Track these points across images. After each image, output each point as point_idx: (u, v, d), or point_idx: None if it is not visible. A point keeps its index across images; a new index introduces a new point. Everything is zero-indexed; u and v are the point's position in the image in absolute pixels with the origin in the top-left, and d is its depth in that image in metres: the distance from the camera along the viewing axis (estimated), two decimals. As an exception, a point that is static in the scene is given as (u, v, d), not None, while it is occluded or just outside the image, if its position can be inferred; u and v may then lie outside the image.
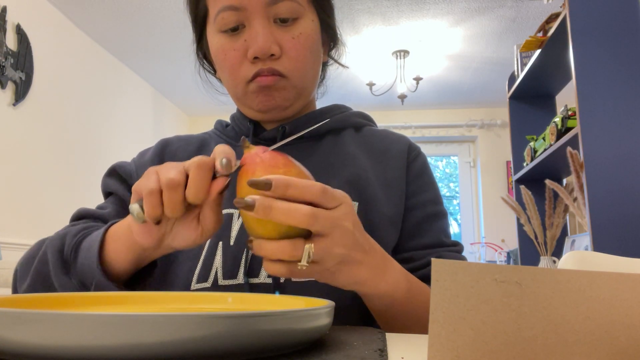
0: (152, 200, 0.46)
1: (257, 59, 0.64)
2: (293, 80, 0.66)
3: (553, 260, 2.02)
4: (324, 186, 0.44)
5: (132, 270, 0.56)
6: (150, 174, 0.48)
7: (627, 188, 1.53)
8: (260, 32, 0.63)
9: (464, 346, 0.27)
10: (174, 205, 0.46)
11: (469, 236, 4.60)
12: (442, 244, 0.68)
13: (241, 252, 0.63)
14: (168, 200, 0.46)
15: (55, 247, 0.59)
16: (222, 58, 0.66)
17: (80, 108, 3.19)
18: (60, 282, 0.57)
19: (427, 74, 3.82)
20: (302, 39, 0.65)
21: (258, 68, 0.64)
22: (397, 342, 0.43)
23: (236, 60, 0.65)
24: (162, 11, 2.96)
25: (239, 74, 0.65)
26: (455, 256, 0.67)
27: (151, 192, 0.46)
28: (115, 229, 0.56)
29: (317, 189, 0.43)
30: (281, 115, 0.70)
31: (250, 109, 0.69)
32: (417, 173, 0.72)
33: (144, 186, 0.47)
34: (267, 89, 0.65)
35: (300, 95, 0.69)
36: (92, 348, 0.28)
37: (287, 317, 0.33)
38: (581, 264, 0.62)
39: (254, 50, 0.63)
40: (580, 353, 0.28)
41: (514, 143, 2.50)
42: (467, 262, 0.28)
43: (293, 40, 0.65)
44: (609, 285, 0.28)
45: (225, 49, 0.65)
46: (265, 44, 0.62)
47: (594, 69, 1.60)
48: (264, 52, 0.63)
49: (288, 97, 0.67)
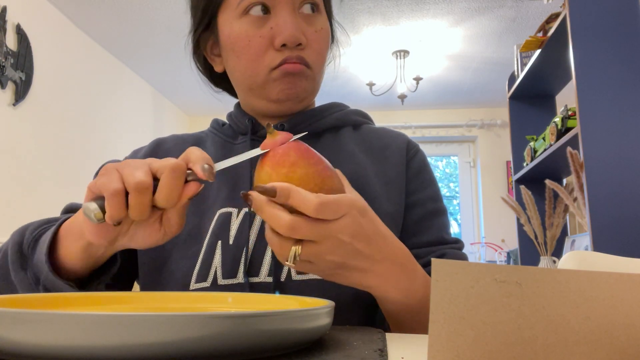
0: (116, 201, 0.43)
1: (284, 46, 0.64)
2: (315, 71, 0.67)
3: (553, 260, 2.02)
4: (321, 202, 0.43)
5: (85, 267, 0.54)
6: (111, 172, 0.45)
7: (627, 188, 1.53)
8: (289, 20, 0.63)
9: (464, 346, 0.27)
10: (141, 208, 0.44)
11: (469, 236, 4.60)
12: (443, 241, 0.68)
13: (240, 251, 0.63)
14: (135, 203, 0.44)
15: (15, 240, 0.57)
16: (244, 44, 0.65)
17: (80, 108, 3.19)
18: (17, 277, 0.55)
19: (427, 74, 3.81)
20: (323, 34, 0.67)
21: (285, 55, 0.64)
22: (397, 342, 0.43)
23: (261, 48, 0.64)
24: (162, 11, 2.96)
25: (263, 62, 0.65)
26: (457, 253, 0.67)
27: (115, 192, 0.43)
28: (69, 224, 0.54)
29: (312, 205, 0.43)
30: (296, 108, 0.70)
31: (265, 100, 0.68)
32: (416, 170, 0.72)
33: (104, 186, 0.44)
34: (291, 75, 0.65)
35: (314, 90, 0.70)
36: (92, 348, 0.28)
37: (287, 317, 0.33)
38: (581, 264, 0.62)
39: (284, 37, 0.63)
40: (580, 353, 0.28)
41: (514, 143, 2.50)
42: (467, 262, 0.28)
43: (316, 34, 0.66)
44: (609, 285, 0.28)
45: (249, 35, 0.64)
46: (296, 32, 0.63)
47: (594, 69, 1.60)
48: (293, 40, 0.63)
49: (307, 87, 0.67)
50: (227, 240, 0.64)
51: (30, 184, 2.71)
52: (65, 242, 0.53)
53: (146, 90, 4.08)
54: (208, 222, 0.66)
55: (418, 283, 0.53)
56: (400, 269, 0.51)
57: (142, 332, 0.28)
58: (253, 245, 0.63)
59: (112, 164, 0.47)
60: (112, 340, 0.28)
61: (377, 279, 0.49)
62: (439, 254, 0.66)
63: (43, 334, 0.28)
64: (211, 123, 0.79)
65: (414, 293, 0.52)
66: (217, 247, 0.63)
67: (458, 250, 0.68)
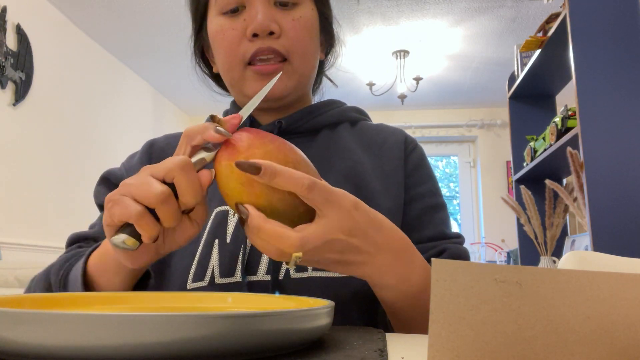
0: (145, 221, 0.43)
1: (256, 36, 0.63)
2: (294, 62, 0.66)
3: (553, 260, 2.02)
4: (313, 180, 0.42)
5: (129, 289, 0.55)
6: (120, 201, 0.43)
7: (627, 188, 1.53)
8: (260, 10, 0.63)
9: (464, 346, 0.27)
10: (172, 216, 0.43)
11: (469, 236, 4.60)
12: (444, 236, 0.68)
13: (238, 249, 0.62)
14: (165, 213, 0.43)
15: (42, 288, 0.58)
16: (220, 38, 0.66)
17: (80, 108, 3.19)
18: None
19: (427, 74, 3.82)
20: (302, 22, 0.66)
21: (257, 47, 0.63)
22: (397, 342, 0.43)
23: (235, 39, 0.64)
24: (162, 11, 2.96)
25: (237, 53, 0.65)
26: (458, 248, 0.66)
27: (141, 215, 0.42)
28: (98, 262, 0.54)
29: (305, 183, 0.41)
30: (277, 105, 0.69)
31: (246, 97, 0.67)
32: (414, 165, 0.72)
33: (124, 215, 0.43)
34: (267, 75, 0.64)
35: (298, 84, 0.68)
36: (92, 348, 0.28)
37: (287, 317, 0.33)
38: (581, 264, 0.62)
39: (253, 26, 0.63)
40: (580, 353, 0.28)
41: (514, 143, 2.50)
42: (467, 262, 0.28)
43: (293, 22, 0.65)
44: (609, 285, 0.28)
45: (224, 28, 0.65)
46: (264, 21, 0.62)
47: (594, 69, 1.60)
48: (263, 29, 0.63)
49: (288, 84, 0.66)
50: (224, 238, 0.63)
51: (30, 183, 2.71)
52: (102, 279, 0.54)
53: (146, 90, 4.08)
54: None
55: (416, 271, 0.52)
56: (397, 257, 0.50)
57: (142, 332, 0.28)
58: (250, 243, 0.63)
59: (111, 195, 0.45)
60: (112, 340, 0.28)
61: (374, 269, 0.49)
62: (440, 248, 0.65)
63: (43, 334, 0.28)
64: (206, 120, 0.79)
65: (411, 280, 0.52)
66: (214, 245, 0.63)
67: (460, 245, 0.67)
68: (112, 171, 0.72)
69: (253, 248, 0.63)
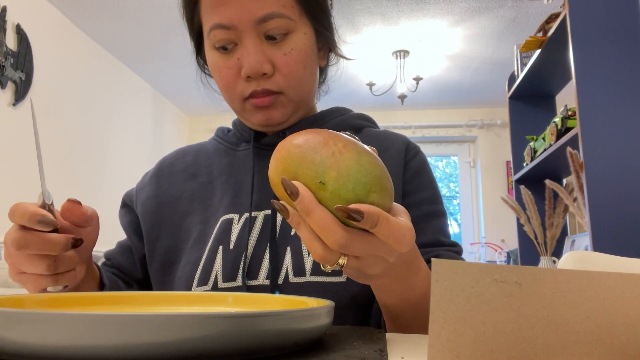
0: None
1: (251, 78, 0.64)
2: (289, 94, 0.66)
3: (553, 260, 2.02)
4: (412, 231, 0.41)
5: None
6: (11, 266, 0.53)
7: (627, 188, 1.53)
8: (251, 51, 0.63)
9: (464, 346, 0.27)
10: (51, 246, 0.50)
11: (469, 236, 4.60)
12: (440, 243, 0.67)
13: (240, 255, 0.64)
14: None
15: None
16: (217, 75, 0.67)
17: (80, 108, 3.19)
18: None
19: (427, 74, 3.81)
20: (295, 54, 0.65)
21: (252, 89, 0.65)
22: (397, 342, 0.43)
23: (231, 79, 0.65)
24: (162, 11, 2.96)
25: (235, 92, 0.66)
26: (453, 256, 0.66)
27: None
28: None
29: (407, 236, 0.40)
30: (281, 128, 0.71)
31: (249, 122, 0.71)
32: (414, 172, 0.71)
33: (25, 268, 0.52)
34: (264, 108, 0.66)
35: (298, 108, 0.69)
36: (92, 348, 0.28)
37: (287, 317, 0.33)
38: (581, 264, 0.62)
39: (245, 70, 0.63)
40: (580, 353, 0.28)
41: (514, 143, 2.50)
42: (467, 262, 0.28)
43: (285, 57, 0.64)
44: (609, 285, 0.28)
45: (219, 66, 0.66)
46: (256, 64, 0.62)
47: (594, 69, 1.60)
48: (255, 72, 0.63)
49: (285, 112, 0.68)
50: (228, 245, 0.65)
51: (30, 183, 2.71)
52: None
53: (146, 91, 4.08)
54: (212, 229, 0.68)
55: (421, 278, 0.52)
56: (409, 266, 0.50)
57: (142, 332, 0.28)
58: (252, 249, 0.65)
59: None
60: (112, 340, 0.28)
61: (390, 279, 0.48)
62: (433, 255, 0.65)
63: (43, 334, 0.28)
64: (216, 131, 0.81)
65: (415, 286, 0.51)
66: (218, 251, 0.65)
67: (455, 254, 0.66)
68: (128, 192, 0.78)
69: (254, 254, 0.65)
